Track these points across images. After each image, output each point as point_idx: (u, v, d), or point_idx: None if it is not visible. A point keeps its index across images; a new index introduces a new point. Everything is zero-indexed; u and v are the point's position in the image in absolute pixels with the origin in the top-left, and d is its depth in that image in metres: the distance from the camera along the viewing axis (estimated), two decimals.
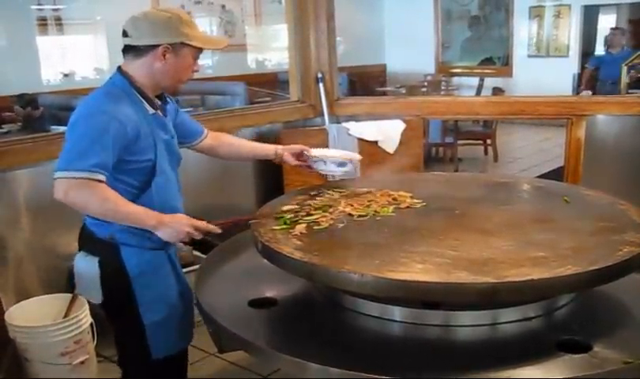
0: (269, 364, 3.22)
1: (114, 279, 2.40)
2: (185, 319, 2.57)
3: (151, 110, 2.42)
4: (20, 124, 6.84)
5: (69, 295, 3.53)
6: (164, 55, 2.34)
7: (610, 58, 9.54)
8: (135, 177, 2.37)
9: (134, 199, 2.34)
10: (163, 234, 2.31)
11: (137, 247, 2.39)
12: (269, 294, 2.46)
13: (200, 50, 2.45)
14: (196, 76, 2.53)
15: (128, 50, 2.40)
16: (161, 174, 2.42)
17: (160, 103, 2.49)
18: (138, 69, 2.39)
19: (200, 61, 2.51)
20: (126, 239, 2.38)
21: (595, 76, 9.54)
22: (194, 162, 4.54)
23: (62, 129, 5.68)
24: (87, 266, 2.43)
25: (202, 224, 2.35)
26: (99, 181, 2.19)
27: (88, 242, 2.47)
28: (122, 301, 2.43)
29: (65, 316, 3.44)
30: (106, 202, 2.22)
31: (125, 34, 2.38)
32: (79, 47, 9.05)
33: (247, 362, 3.56)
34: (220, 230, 2.42)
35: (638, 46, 10.18)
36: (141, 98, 2.39)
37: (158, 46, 2.34)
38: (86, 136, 2.25)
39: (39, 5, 8.45)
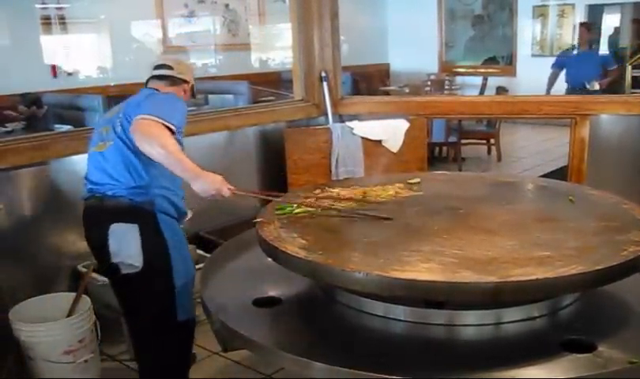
0: (272, 363, 3.22)
1: (154, 242, 2.70)
2: (193, 288, 2.80)
3: None
4: (23, 123, 6.85)
5: (73, 294, 3.55)
6: (185, 92, 3.01)
7: (576, 59, 8.88)
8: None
9: (155, 176, 2.71)
10: (198, 186, 2.57)
11: (168, 215, 2.76)
12: (274, 293, 2.46)
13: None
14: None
15: (166, 78, 2.99)
16: None
17: None
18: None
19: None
20: (162, 206, 2.74)
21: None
22: (197, 159, 4.56)
23: (65, 127, 5.74)
24: (127, 233, 2.70)
25: (232, 187, 2.63)
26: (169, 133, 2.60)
27: (126, 211, 2.72)
28: (159, 264, 2.71)
29: (69, 314, 3.45)
30: (168, 144, 2.55)
31: (168, 67, 3.02)
32: (83, 46, 9.05)
33: (251, 361, 3.57)
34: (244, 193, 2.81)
35: None
36: None
37: (188, 82, 3.02)
38: (171, 106, 2.75)
39: (42, 3, 8.45)
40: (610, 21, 13.14)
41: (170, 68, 3.02)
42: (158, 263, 2.71)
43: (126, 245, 2.69)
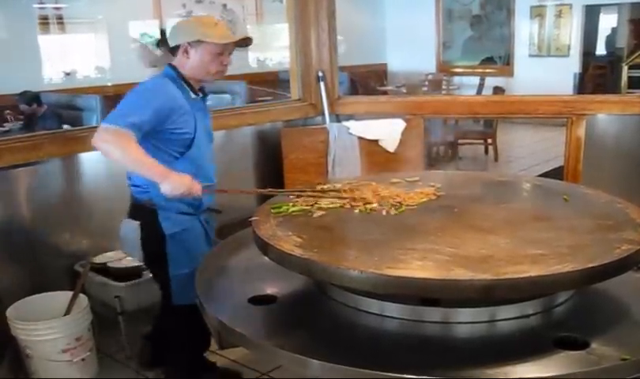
0: (269, 360, 3.23)
1: (152, 238, 2.93)
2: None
3: (193, 95, 2.97)
4: (22, 122, 6.86)
5: (71, 293, 3.56)
6: (187, 52, 2.90)
7: None
8: (174, 146, 2.87)
9: (170, 164, 2.78)
10: (164, 187, 2.66)
11: (173, 211, 2.90)
12: (269, 290, 2.47)
13: (222, 46, 2.90)
14: None
15: (171, 50, 2.95)
16: (197, 147, 2.92)
17: (201, 94, 3.04)
18: (177, 63, 2.95)
19: None
20: (162, 203, 2.85)
21: None
22: None
23: (66, 127, 5.74)
24: (130, 230, 2.96)
25: (198, 188, 2.71)
26: (132, 137, 2.65)
27: (132, 208, 3.01)
28: (156, 256, 2.94)
29: (67, 313, 3.47)
30: (127, 148, 2.64)
31: (165, 38, 2.99)
32: (81, 46, 9.07)
33: (247, 359, 3.58)
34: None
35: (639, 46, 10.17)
36: (185, 85, 2.94)
37: (181, 45, 2.90)
38: (132, 103, 2.79)
39: (40, 3, 8.46)
40: (607, 22, 13.18)
41: (165, 38, 3.01)
42: (155, 255, 2.97)
43: (128, 240, 3.00)
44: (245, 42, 3.02)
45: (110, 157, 2.75)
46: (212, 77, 2.99)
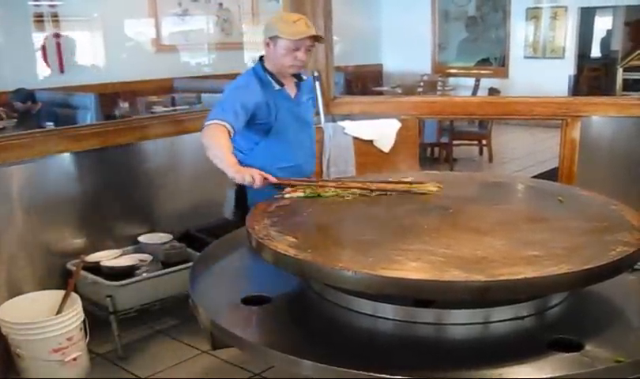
0: (262, 361, 3.22)
1: (240, 203, 3.31)
2: None
3: (277, 87, 3.31)
4: (15, 121, 6.83)
5: (62, 292, 3.54)
6: (268, 46, 3.25)
7: None
8: (254, 133, 3.30)
9: (252, 149, 3.31)
10: (235, 178, 2.95)
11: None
12: (263, 291, 2.45)
13: (296, 42, 3.17)
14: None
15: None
16: (276, 134, 3.31)
17: (295, 80, 3.41)
18: (265, 57, 3.32)
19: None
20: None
21: None
22: (190, 159, 4.56)
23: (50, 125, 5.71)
24: (230, 196, 3.37)
25: (257, 182, 2.90)
26: (224, 126, 3.07)
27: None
28: (242, 217, 2.95)
29: (58, 312, 3.45)
30: (209, 143, 3.04)
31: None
32: (76, 44, 9.02)
33: (240, 360, 3.57)
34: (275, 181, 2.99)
35: (636, 47, 10.18)
36: (269, 78, 3.30)
37: (265, 41, 3.25)
38: (224, 99, 3.22)
39: (35, 0, 8.43)
40: (602, 24, 13.21)
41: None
42: (241, 216, 3.07)
43: (227, 203, 3.41)
44: (316, 39, 3.28)
45: (206, 149, 3.09)
46: (288, 70, 3.29)
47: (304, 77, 3.48)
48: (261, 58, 3.36)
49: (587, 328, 2.14)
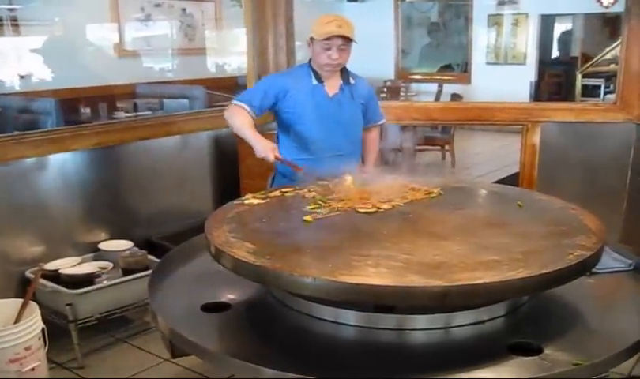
0: (222, 369, 3.19)
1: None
2: None
3: (315, 82, 3.53)
4: None
5: (21, 300, 3.47)
6: (309, 46, 3.52)
7: None
8: (280, 120, 3.58)
9: (279, 137, 3.63)
10: (256, 150, 3.30)
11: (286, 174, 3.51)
12: (223, 298, 2.43)
13: (328, 42, 3.39)
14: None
15: None
16: (302, 125, 3.51)
17: (341, 82, 3.59)
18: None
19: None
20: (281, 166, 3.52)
21: None
22: (151, 162, 4.52)
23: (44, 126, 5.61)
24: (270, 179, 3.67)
25: (271, 156, 3.28)
26: (242, 107, 3.40)
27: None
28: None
29: (16, 321, 3.37)
30: (233, 117, 3.42)
31: None
32: (37, 49, 8.88)
33: (203, 368, 3.53)
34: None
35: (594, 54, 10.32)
36: (311, 73, 3.54)
37: (307, 41, 3.52)
38: (255, 85, 3.74)
39: None
40: (562, 31, 13.40)
41: None
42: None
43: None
44: (343, 39, 3.41)
45: (228, 123, 3.48)
46: (324, 68, 3.49)
47: (352, 81, 3.65)
48: None
49: (547, 331, 2.15)
